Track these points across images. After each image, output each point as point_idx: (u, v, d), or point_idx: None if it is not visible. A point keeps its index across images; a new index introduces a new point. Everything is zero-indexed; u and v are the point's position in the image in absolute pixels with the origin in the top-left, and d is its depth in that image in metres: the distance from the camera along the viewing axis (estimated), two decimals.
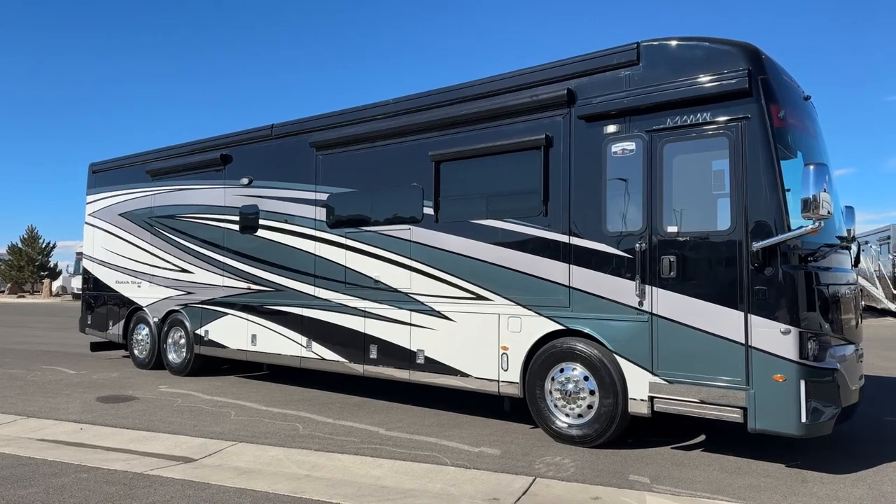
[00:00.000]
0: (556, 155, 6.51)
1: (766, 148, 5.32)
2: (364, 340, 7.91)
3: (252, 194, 9.41)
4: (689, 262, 5.66)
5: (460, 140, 7.20)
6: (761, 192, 5.33)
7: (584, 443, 6.15)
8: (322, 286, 8.41)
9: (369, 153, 8.05)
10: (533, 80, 6.70)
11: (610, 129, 6.17)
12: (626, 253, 5.99)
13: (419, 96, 7.63)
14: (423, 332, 7.39)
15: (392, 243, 7.71)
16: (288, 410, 7.83)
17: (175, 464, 5.72)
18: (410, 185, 7.58)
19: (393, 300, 7.66)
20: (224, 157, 9.82)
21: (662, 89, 5.83)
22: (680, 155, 5.84)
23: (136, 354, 11.44)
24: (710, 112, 5.61)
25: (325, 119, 8.57)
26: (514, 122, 6.80)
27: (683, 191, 5.81)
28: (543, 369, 6.47)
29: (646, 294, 5.85)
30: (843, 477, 5.19)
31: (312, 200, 8.58)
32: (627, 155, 6.06)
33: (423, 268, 7.42)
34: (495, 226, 6.88)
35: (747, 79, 5.39)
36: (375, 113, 8.01)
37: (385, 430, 6.84)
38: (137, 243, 11.32)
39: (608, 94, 6.17)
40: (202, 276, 10.09)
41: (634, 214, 5.99)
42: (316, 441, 6.41)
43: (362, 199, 8.14)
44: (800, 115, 5.93)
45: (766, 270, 5.26)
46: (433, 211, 7.36)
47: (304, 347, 8.57)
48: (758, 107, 5.39)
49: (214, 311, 9.87)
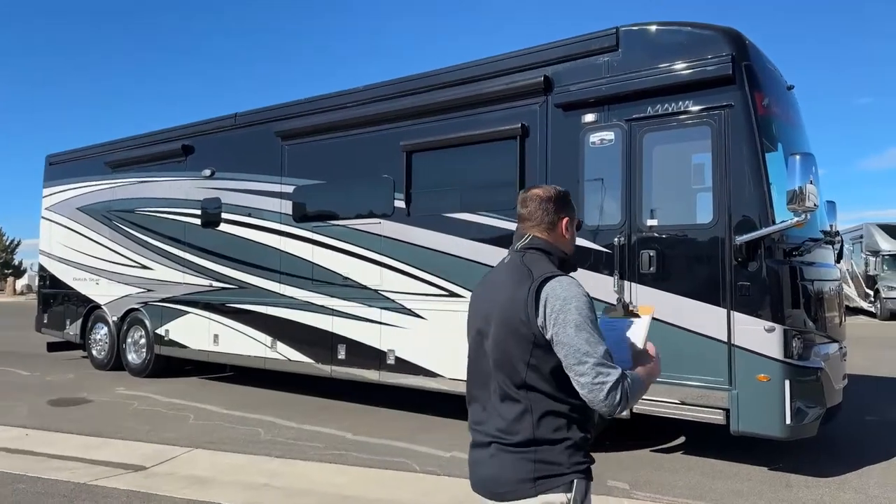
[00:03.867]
0: (532, 145, 6.22)
1: (750, 137, 5.10)
2: (332, 340, 7.55)
3: (214, 187, 8.97)
4: (670, 258, 5.42)
5: (433, 130, 6.87)
6: (745, 184, 5.10)
7: None
8: (288, 283, 8.02)
9: (338, 143, 7.68)
10: (509, 66, 6.41)
11: (588, 118, 5.90)
12: (604, 248, 5.73)
13: (390, 83, 7.29)
14: (394, 330, 7.06)
15: (361, 238, 7.36)
16: (250, 414, 7.44)
17: (123, 472, 5.33)
18: (381, 176, 7.23)
19: (362, 298, 7.31)
20: (185, 147, 9.37)
21: (642, 76, 5.57)
22: (660, 145, 5.60)
23: (94, 355, 10.90)
24: (691, 100, 5.37)
25: (292, 107, 8.18)
26: (489, 110, 6.50)
27: (664, 183, 5.57)
28: None
29: (624, 290, 5.59)
30: (828, 480, 4.99)
31: (278, 193, 8.18)
32: (606, 145, 5.80)
33: (393, 263, 7.09)
34: (469, 220, 6.57)
35: (730, 65, 5.15)
36: (345, 101, 7.64)
37: (352, 434, 6.50)
38: (96, 239, 10.78)
39: (586, 82, 5.90)
40: (163, 272, 9.62)
41: (613, 207, 5.73)
42: (278, 447, 6.05)
43: (330, 191, 7.77)
44: (784, 104, 5.73)
45: (750, 265, 5.03)
46: (404, 204, 7.02)
47: (269, 348, 8.17)
48: (741, 94, 5.16)
49: (175, 309, 9.41)
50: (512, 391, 1.86)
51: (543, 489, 1.81)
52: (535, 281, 1.87)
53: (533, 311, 1.83)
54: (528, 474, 1.81)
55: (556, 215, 2.05)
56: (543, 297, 1.84)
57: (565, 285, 1.88)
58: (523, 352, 1.84)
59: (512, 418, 1.85)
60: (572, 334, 1.79)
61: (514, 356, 1.85)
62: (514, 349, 1.85)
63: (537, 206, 2.04)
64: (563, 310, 1.82)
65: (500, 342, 1.89)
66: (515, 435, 1.84)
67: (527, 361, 1.84)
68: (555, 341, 1.81)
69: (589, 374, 1.76)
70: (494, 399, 1.91)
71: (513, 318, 1.86)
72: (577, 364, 1.77)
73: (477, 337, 2.00)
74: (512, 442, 1.84)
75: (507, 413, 1.86)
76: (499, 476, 1.86)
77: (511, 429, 1.85)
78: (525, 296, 1.85)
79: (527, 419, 1.83)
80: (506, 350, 1.87)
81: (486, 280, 2.12)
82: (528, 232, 2.05)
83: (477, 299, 2.08)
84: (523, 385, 1.84)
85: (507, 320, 1.88)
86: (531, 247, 2.02)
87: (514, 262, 2.01)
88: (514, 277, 1.93)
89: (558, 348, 1.81)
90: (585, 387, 1.77)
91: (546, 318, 1.83)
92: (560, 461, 1.82)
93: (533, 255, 2.00)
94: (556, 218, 2.05)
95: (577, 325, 1.80)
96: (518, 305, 1.86)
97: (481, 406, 1.97)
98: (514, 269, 1.97)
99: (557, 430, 1.84)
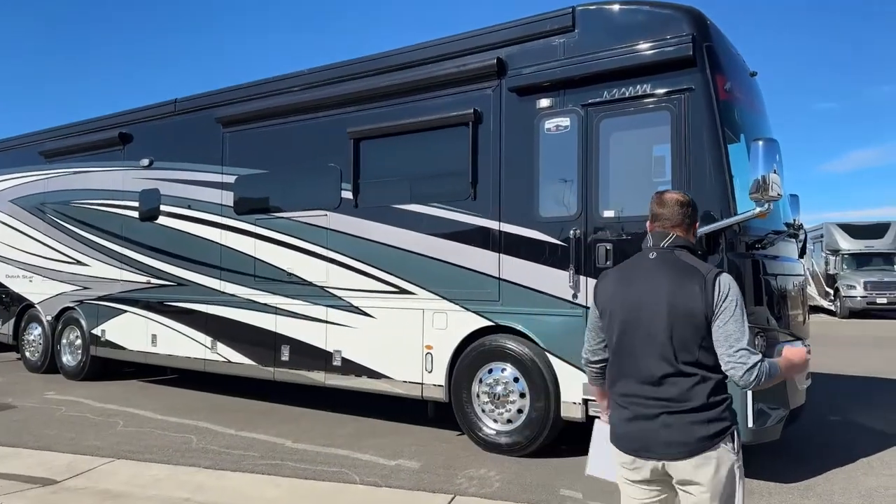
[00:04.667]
0: (485, 132, 5.85)
1: (711, 122, 4.80)
2: (275, 340, 7.07)
3: (153, 177, 8.40)
4: (628, 251, 5.08)
5: (382, 116, 6.45)
6: (705, 171, 4.81)
7: (514, 451, 5.52)
8: (229, 280, 7.52)
9: (282, 130, 7.20)
10: (461, 48, 6.02)
11: (543, 104, 5.55)
12: (560, 241, 5.39)
13: (336, 66, 6.85)
14: (341, 330, 6.62)
15: (307, 231, 6.90)
16: (186, 420, 6.92)
17: (31, 487, 4.80)
18: (327, 165, 6.78)
19: (307, 295, 6.85)
20: (123, 135, 8.77)
21: (599, 58, 5.24)
22: (618, 131, 5.28)
23: (27, 356, 10.21)
24: (650, 83, 5.05)
25: (234, 92, 7.66)
26: (440, 95, 6.11)
27: (622, 171, 5.25)
28: (471, 370, 5.81)
29: (580, 286, 5.26)
30: (791, 487, 4.72)
31: (219, 184, 7.67)
32: (562, 132, 5.46)
33: (340, 258, 6.65)
34: (420, 211, 6.17)
35: (691, 45, 4.85)
36: (289, 84, 7.16)
37: (292, 441, 6.04)
38: (29, 233, 10.10)
39: (541, 64, 5.55)
40: (100, 269, 9.01)
41: (569, 198, 5.39)
42: (208, 456, 5.56)
43: (274, 182, 7.29)
44: (747, 90, 5.47)
45: (710, 259, 4.73)
46: (352, 195, 6.59)
47: (209, 349, 7.66)
48: (702, 77, 4.86)
49: (112, 308, 8.81)
50: (685, 367, 2.18)
51: (720, 441, 2.16)
52: (709, 273, 2.23)
53: (710, 299, 2.18)
54: (706, 432, 2.14)
55: (692, 218, 2.42)
56: (717, 289, 2.19)
57: (730, 280, 2.24)
58: (695, 334, 2.18)
59: (686, 388, 2.17)
60: (731, 322, 2.17)
61: (688, 338, 2.18)
62: (687, 332, 2.18)
63: (678, 210, 2.39)
64: (728, 300, 2.18)
65: (670, 326, 2.20)
66: (689, 402, 2.17)
67: (699, 342, 2.18)
68: (715, 325, 2.18)
69: (735, 356, 2.15)
70: (661, 374, 2.21)
71: (686, 306, 2.19)
72: (729, 347, 2.16)
73: (625, 323, 2.31)
74: (686, 408, 2.16)
75: (682, 384, 2.18)
76: (677, 438, 2.17)
77: (685, 397, 2.17)
78: (699, 287, 2.19)
79: (699, 388, 2.17)
80: (680, 333, 2.19)
81: (630, 273, 2.40)
82: (670, 231, 2.37)
83: (621, 289, 2.37)
84: (696, 361, 2.18)
85: (679, 307, 2.20)
86: (678, 245, 2.35)
87: (666, 257, 2.32)
88: (676, 271, 2.26)
89: (717, 332, 2.18)
90: (730, 364, 2.16)
91: (715, 306, 2.18)
92: (724, 417, 2.20)
93: (681, 252, 2.33)
94: (692, 221, 2.43)
95: (735, 315, 2.18)
96: (691, 294, 2.19)
97: (636, 381, 2.27)
98: (673, 263, 2.29)
99: (720, 394, 2.21)
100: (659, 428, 2.19)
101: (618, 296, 2.36)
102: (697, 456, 2.15)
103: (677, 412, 2.17)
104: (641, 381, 2.25)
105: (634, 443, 2.26)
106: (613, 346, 2.36)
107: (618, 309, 2.34)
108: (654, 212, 2.43)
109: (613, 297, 2.38)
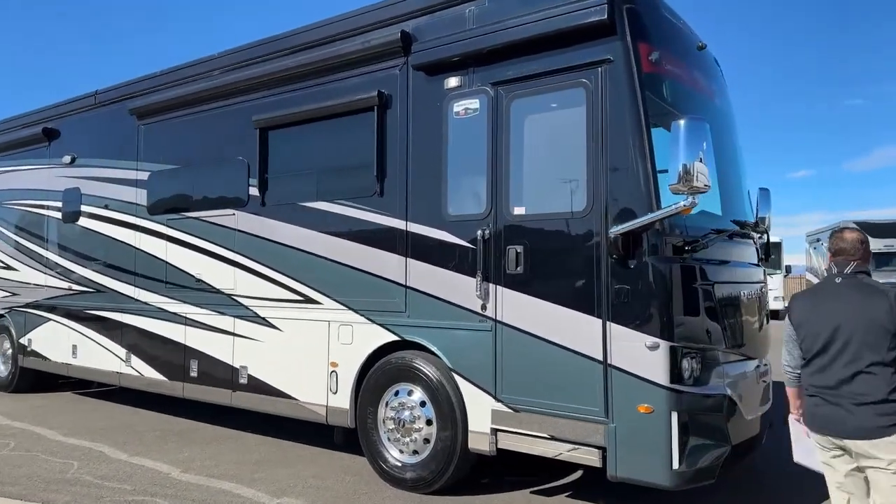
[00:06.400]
0: (392, 118, 5.10)
1: (632, 100, 3.98)
2: (184, 354, 6.40)
3: (75, 175, 7.80)
4: (540, 254, 4.30)
5: (286, 102, 5.74)
6: (624, 159, 3.99)
7: (418, 488, 4.76)
8: (142, 287, 6.87)
9: (192, 121, 6.52)
10: (366, 22, 5.28)
11: (451, 83, 4.78)
12: (468, 243, 4.61)
13: (242, 49, 6.16)
14: (247, 343, 5.92)
15: (214, 232, 6.22)
16: (85, 441, 6.27)
17: None
18: (235, 159, 6.09)
19: (216, 304, 6.16)
20: (48, 131, 8.20)
21: (509, 28, 4.44)
22: (530, 114, 4.48)
23: None
24: (564, 55, 4.25)
25: (148, 81, 7.02)
26: (346, 77, 5.38)
27: (535, 160, 4.45)
28: (377, 392, 5.05)
29: (489, 295, 4.48)
30: None
31: (133, 181, 7.03)
32: (471, 115, 4.68)
33: (247, 263, 5.95)
34: (326, 209, 5.45)
35: (608, 7, 4.03)
36: (198, 71, 6.49)
37: (181, 471, 5.34)
38: None
39: (449, 37, 4.77)
40: (28, 274, 8.46)
41: (477, 193, 4.61)
42: (76, 488, 4.89)
43: (185, 178, 6.62)
44: (686, 64, 4.61)
45: (629, 264, 3.92)
46: (259, 192, 5.89)
47: (124, 362, 7.02)
48: (622, 46, 4.04)
49: (38, 315, 8.25)
50: (876, 369, 2.78)
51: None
52: (890, 292, 2.85)
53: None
54: (886, 421, 2.75)
55: (867, 251, 3.07)
56: None
57: None
58: (889, 341, 2.79)
59: (875, 385, 2.77)
60: None
61: (881, 345, 2.79)
62: (881, 340, 2.79)
63: (858, 246, 3.02)
64: None
65: (867, 337, 2.80)
66: (875, 395, 2.76)
67: (888, 347, 2.78)
68: None
69: None
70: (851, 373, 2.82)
71: (880, 320, 2.80)
72: None
73: (822, 333, 2.91)
74: (874, 400, 2.76)
75: (872, 382, 2.78)
76: (864, 424, 2.77)
77: (873, 392, 2.77)
78: (888, 303, 2.81)
79: (883, 385, 2.77)
80: (874, 342, 2.79)
81: (822, 294, 3.08)
82: (851, 261, 3.00)
83: (820, 310, 2.97)
84: (887, 363, 2.78)
85: (874, 322, 2.81)
86: (858, 271, 2.98)
87: (855, 282, 2.96)
88: (866, 293, 2.90)
89: None
90: None
91: None
92: None
93: (864, 276, 2.99)
94: (867, 252, 3.07)
95: None
96: (882, 311, 2.81)
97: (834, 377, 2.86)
98: (862, 287, 2.93)
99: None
100: (848, 415, 2.79)
101: (813, 312, 2.99)
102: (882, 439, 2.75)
103: (866, 402, 2.76)
104: (832, 375, 2.86)
105: (831, 424, 2.86)
106: (812, 353, 2.95)
107: (814, 322, 2.96)
108: (837, 247, 3.04)
109: (810, 313, 3.00)
